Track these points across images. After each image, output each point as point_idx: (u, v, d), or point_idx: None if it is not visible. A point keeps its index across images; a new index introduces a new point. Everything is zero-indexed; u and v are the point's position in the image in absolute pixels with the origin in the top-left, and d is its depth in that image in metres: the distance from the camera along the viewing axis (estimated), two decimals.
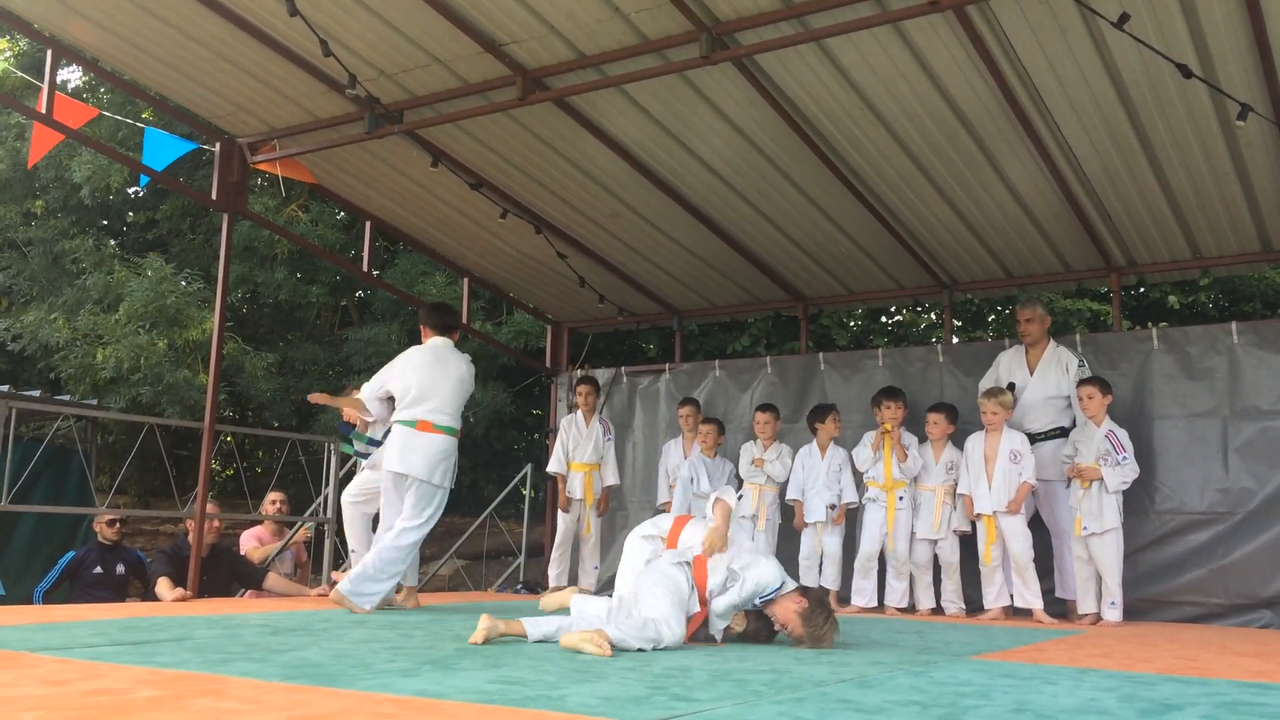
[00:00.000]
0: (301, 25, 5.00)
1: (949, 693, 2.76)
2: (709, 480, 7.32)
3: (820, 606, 4.03)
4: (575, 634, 3.52)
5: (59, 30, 5.73)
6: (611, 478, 7.75)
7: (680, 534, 4.28)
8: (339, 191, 7.40)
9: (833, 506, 6.84)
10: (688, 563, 4.02)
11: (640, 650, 3.54)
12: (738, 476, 7.35)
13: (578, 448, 7.70)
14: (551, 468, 7.82)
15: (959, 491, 6.43)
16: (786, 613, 4.00)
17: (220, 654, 3.18)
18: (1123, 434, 6.06)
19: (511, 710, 2.31)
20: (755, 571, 4.03)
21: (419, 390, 5.41)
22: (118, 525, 7.09)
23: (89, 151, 11.17)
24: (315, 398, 5.67)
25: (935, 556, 6.57)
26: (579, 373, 8.71)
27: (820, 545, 6.81)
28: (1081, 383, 6.25)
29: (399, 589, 5.56)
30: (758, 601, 4.03)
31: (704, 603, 3.97)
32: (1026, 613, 6.18)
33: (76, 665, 2.86)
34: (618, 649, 3.47)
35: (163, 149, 6.32)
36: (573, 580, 7.73)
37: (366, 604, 5.12)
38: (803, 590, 4.12)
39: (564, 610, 4.02)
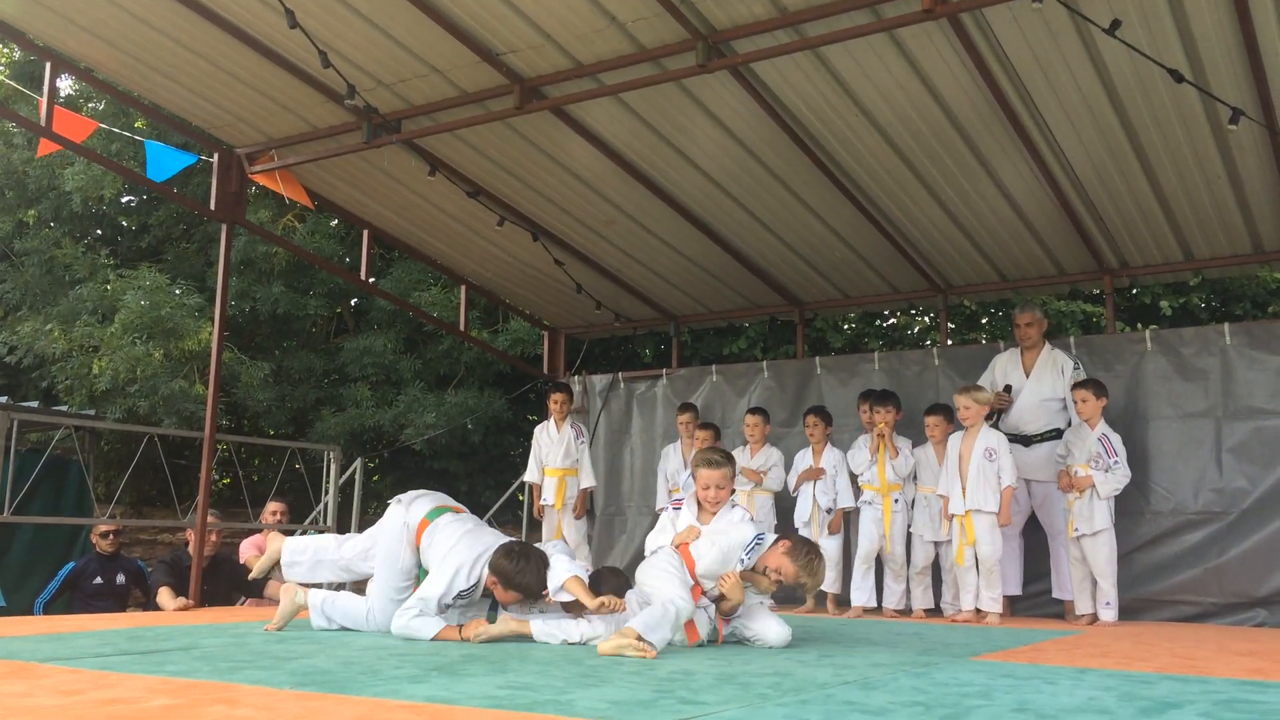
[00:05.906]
0: (300, 36, 5.03)
1: (951, 693, 2.80)
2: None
3: (804, 542, 4.31)
4: (612, 640, 3.68)
5: (57, 42, 5.75)
6: (587, 480, 7.73)
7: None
8: (336, 200, 7.42)
9: (828, 511, 6.87)
10: (673, 549, 4.24)
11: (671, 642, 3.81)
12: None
13: (549, 453, 7.71)
14: (528, 476, 7.88)
15: (938, 492, 6.36)
16: (776, 559, 4.20)
17: (229, 662, 3.21)
18: (1116, 438, 6.07)
19: (522, 715, 2.34)
20: (734, 531, 4.22)
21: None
22: (112, 537, 7.08)
23: (82, 161, 11.14)
24: None
25: (935, 558, 6.57)
26: (559, 381, 8.72)
27: None
28: (1076, 386, 6.28)
29: None
30: (744, 556, 4.15)
31: (696, 581, 4.14)
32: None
33: (87, 675, 2.88)
34: (656, 646, 3.64)
35: (164, 161, 6.33)
36: None
37: None
38: (782, 537, 4.38)
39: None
